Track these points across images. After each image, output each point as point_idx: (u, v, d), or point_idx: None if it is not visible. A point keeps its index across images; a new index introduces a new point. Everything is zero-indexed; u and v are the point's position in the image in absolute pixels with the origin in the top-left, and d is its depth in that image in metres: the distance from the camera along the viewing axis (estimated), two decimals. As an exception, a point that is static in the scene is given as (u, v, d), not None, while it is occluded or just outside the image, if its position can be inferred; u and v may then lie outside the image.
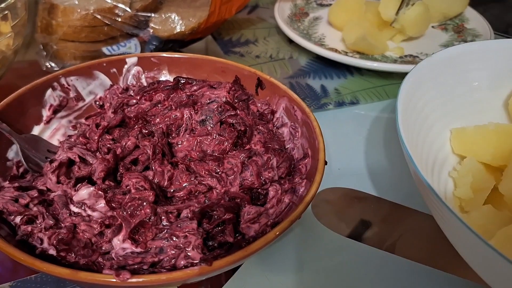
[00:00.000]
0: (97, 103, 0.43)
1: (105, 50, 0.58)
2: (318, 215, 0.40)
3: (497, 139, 0.38)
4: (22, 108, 0.37)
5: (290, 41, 0.66)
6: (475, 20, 0.68)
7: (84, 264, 0.27)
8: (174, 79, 0.42)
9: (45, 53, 0.56)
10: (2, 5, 0.44)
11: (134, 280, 0.24)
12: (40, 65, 0.56)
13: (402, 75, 0.57)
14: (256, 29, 0.71)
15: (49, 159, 0.35)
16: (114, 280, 0.24)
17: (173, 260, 0.28)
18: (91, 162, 0.32)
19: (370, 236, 0.38)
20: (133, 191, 0.29)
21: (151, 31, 0.60)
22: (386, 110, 0.54)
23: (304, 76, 0.59)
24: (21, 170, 0.35)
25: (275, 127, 0.41)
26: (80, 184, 0.30)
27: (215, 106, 0.38)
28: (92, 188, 0.30)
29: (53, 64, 0.56)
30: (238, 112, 0.38)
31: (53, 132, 0.39)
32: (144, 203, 0.28)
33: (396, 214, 0.41)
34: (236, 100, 0.40)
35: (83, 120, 0.42)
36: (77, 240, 0.29)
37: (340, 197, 0.42)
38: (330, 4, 0.75)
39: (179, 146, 0.37)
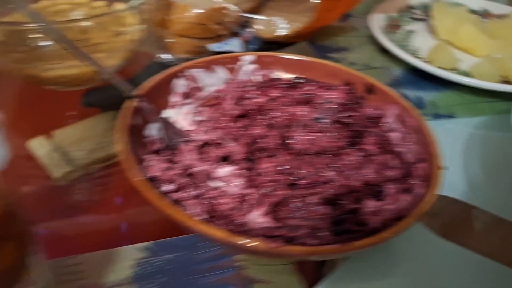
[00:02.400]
0: (217, 94, 0.46)
1: (211, 46, 0.62)
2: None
3: None
4: (158, 93, 0.41)
5: (383, 51, 0.67)
6: None
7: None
8: (292, 78, 0.45)
9: (158, 45, 0.61)
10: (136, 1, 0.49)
11: (283, 248, 0.27)
12: (153, 56, 0.61)
13: (499, 94, 0.57)
14: (348, 37, 0.73)
15: (179, 140, 0.38)
16: (264, 245, 0.27)
17: (308, 238, 0.30)
18: (227, 145, 0.35)
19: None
20: (267, 174, 0.32)
21: (253, 31, 0.63)
22: (482, 127, 0.54)
23: (399, 87, 0.61)
24: (156, 147, 0.38)
25: (383, 132, 0.42)
26: (221, 163, 0.34)
27: (331, 106, 0.41)
28: (232, 168, 0.33)
29: (164, 56, 0.60)
30: (353, 113, 0.40)
31: (184, 115, 0.43)
32: (281, 185, 0.31)
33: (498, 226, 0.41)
34: (350, 103, 0.42)
35: (203, 108, 0.45)
36: (216, 211, 0.32)
37: (444, 206, 0.44)
38: (423, 19, 0.76)
39: (295, 140, 0.40)
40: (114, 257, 0.36)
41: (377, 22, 0.71)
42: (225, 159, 0.35)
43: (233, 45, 0.63)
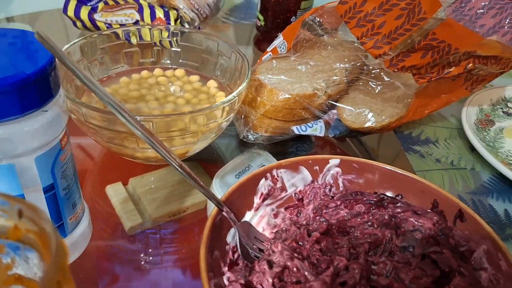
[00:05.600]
0: (296, 195, 0.46)
1: (294, 129, 0.62)
2: None
3: None
4: (241, 195, 0.42)
5: (472, 149, 0.64)
6: None
7: None
8: (378, 195, 0.44)
9: (243, 122, 0.62)
10: (236, 92, 0.51)
11: None
12: (238, 132, 0.62)
13: None
14: (436, 127, 0.70)
15: (256, 250, 0.39)
16: None
17: None
18: (306, 275, 0.35)
19: None
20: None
21: (337, 115, 0.63)
22: None
23: (487, 195, 0.57)
24: (235, 255, 0.39)
25: (472, 269, 0.40)
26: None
27: (419, 236, 0.39)
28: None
29: (249, 134, 0.62)
30: (444, 250, 0.38)
31: (259, 219, 0.43)
32: None
33: None
34: (439, 234, 0.40)
35: (282, 209, 0.45)
36: None
37: None
38: (517, 114, 0.72)
39: (375, 267, 0.39)
40: None
41: (470, 115, 0.68)
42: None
43: (315, 128, 0.63)
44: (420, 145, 0.66)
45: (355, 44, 0.64)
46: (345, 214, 0.43)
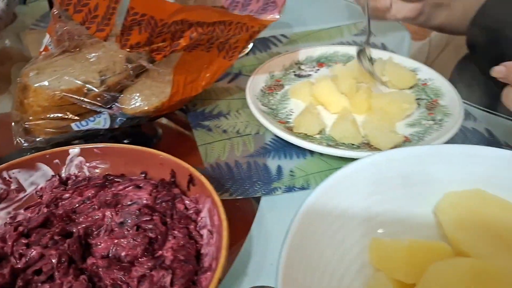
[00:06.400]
0: (38, 193, 0.45)
1: (74, 126, 0.60)
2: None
3: (410, 255, 0.37)
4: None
5: (261, 114, 0.67)
6: (449, 96, 0.67)
7: None
8: (103, 176, 0.44)
9: (17, 128, 0.60)
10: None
11: None
12: (13, 140, 0.60)
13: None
14: (232, 100, 0.72)
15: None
16: None
17: None
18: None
19: None
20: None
21: (120, 107, 0.62)
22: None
23: (264, 155, 0.60)
24: None
25: (198, 227, 0.41)
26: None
27: (135, 208, 0.40)
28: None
29: (22, 140, 0.59)
30: (154, 217, 0.39)
31: (-14, 225, 0.42)
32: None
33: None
34: (158, 202, 0.41)
35: (21, 211, 0.44)
36: None
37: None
38: (309, 75, 0.76)
39: (98, 247, 0.39)
40: None
41: (257, 83, 0.71)
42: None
43: (98, 121, 0.62)
44: (211, 119, 0.67)
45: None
46: (77, 202, 0.42)
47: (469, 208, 0.40)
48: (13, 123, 0.60)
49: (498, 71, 0.52)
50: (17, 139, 0.59)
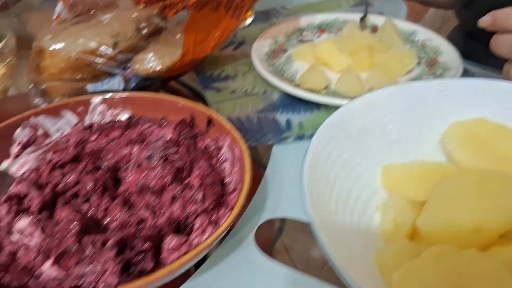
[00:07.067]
0: (64, 139, 0.47)
1: (89, 87, 0.63)
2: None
3: (420, 176, 0.40)
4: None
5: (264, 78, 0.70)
6: (448, 53, 0.70)
7: (16, 286, 0.31)
8: (128, 118, 0.46)
9: (35, 91, 0.62)
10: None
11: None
12: (30, 101, 0.62)
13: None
14: (237, 65, 0.75)
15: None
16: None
17: (93, 284, 0.31)
18: (31, 192, 0.37)
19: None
20: (62, 222, 0.34)
21: (134, 69, 0.65)
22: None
23: (273, 111, 0.63)
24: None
25: (219, 162, 0.44)
26: (20, 215, 0.35)
27: (161, 143, 0.42)
28: (29, 219, 0.34)
29: (41, 101, 0.61)
30: (180, 149, 0.42)
31: (19, 167, 0.44)
32: (70, 233, 0.32)
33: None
34: (181, 138, 0.43)
35: (49, 155, 0.46)
36: (16, 264, 0.33)
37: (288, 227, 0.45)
38: (311, 40, 0.79)
39: (127, 180, 0.41)
40: None
41: (262, 48, 0.73)
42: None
43: (113, 83, 0.65)
44: (219, 82, 0.70)
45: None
46: (104, 142, 0.45)
47: (472, 134, 0.43)
48: (30, 86, 0.62)
49: (485, 20, 0.54)
50: (35, 101, 0.62)
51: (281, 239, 0.46)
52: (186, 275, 0.37)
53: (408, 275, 0.33)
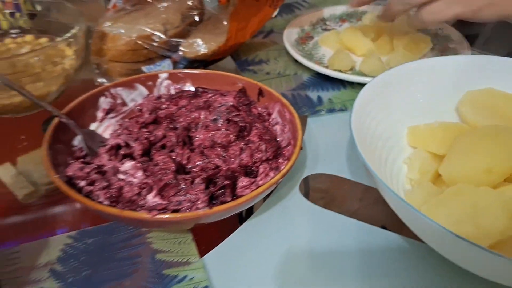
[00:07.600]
0: (137, 108, 0.56)
1: (144, 68, 0.72)
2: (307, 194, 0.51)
3: (440, 133, 0.48)
4: (83, 110, 0.51)
5: (295, 61, 0.78)
6: (458, 40, 0.78)
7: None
8: (195, 89, 0.55)
9: (97, 71, 0.71)
10: (68, 34, 0.59)
11: (159, 216, 0.37)
12: (94, 81, 0.71)
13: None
14: (269, 51, 0.83)
15: (99, 147, 0.48)
16: (146, 215, 0.37)
17: (188, 210, 0.40)
18: (132, 145, 0.45)
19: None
20: (161, 163, 0.42)
21: (181, 53, 0.73)
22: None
23: (304, 89, 0.71)
24: (82, 154, 0.48)
25: (270, 125, 0.53)
26: (124, 159, 0.44)
27: (224, 108, 0.51)
28: (133, 162, 0.43)
29: (104, 80, 0.70)
30: (241, 113, 0.50)
31: (104, 128, 0.53)
32: (168, 171, 0.41)
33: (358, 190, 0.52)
34: (240, 105, 0.52)
35: (127, 120, 0.55)
36: (123, 197, 0.41)
37: (324, 181, 0.54)
38: (334, 29, 0.87)
39: (197, 138, 0.50)
40: (46, 245, 0.45)
41: (291, 36, 0.82)
42: (130, 157, 0.45)
43: (163, 66, 0.73)
44: (254, 65, 0.78)
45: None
46: (174, 109, 0.54)
47: (483, 101, 0.51)
48: (93, 67, 0.71)
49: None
50: (98, 80, 0.70)
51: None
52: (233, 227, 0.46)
53: (435, 207, 0.41)
